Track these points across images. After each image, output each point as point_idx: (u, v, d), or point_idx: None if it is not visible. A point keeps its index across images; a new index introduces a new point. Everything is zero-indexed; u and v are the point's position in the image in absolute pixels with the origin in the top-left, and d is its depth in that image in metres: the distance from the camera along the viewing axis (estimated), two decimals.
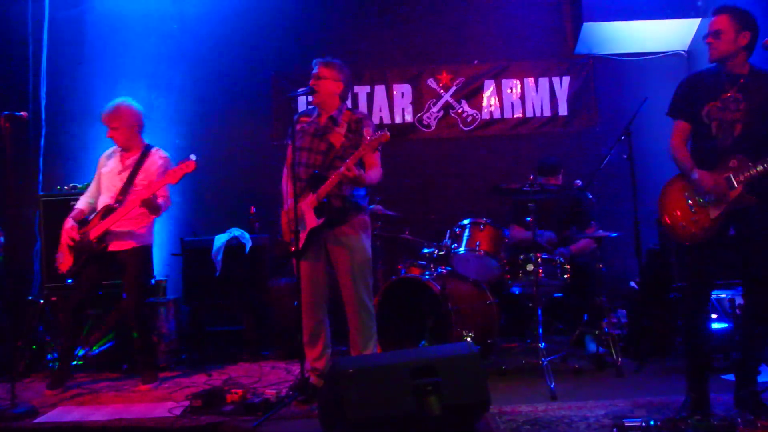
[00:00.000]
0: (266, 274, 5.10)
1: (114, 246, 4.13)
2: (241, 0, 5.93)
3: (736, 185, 3.01)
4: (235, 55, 5.90)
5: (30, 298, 4.81)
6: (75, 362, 4.48)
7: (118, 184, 4.18)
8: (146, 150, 4.28)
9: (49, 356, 4.63)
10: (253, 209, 5.28)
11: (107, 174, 4.26)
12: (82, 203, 4.30)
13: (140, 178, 4.19)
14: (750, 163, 2.99)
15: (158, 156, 4.28)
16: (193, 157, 3.94)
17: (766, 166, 2.95)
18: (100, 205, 4.21)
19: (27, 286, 5.22)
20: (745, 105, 3.05)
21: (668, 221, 3.17)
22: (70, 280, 4.30)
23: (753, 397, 3.12)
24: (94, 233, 4.09)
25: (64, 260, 4.15)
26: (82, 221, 4.19)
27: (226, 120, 5.88)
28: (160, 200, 4.09)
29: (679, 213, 3.14)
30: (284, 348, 4.93)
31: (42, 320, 4.68)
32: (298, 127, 3.85)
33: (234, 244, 4.96)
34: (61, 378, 4.15)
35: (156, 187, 4.05)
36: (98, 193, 4.29)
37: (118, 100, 4.27)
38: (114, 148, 4.32)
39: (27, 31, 5.60)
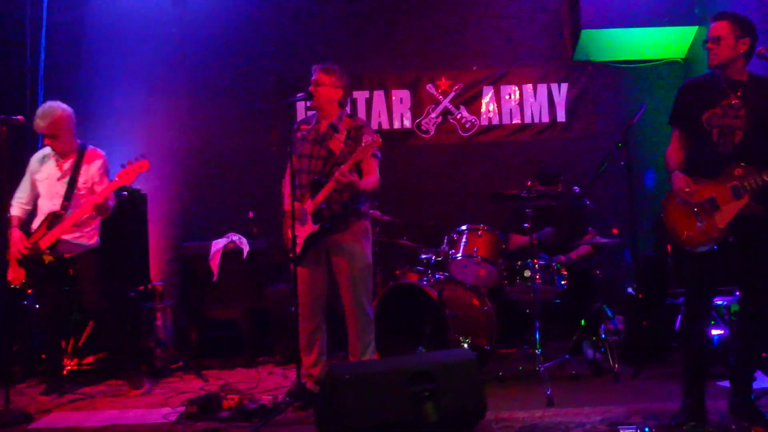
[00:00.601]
0: (264, 279, 5.09)
1: (66, 252, 4.02)
2: (241, 4, 5.94)
3: (742, 195, 3.01)
4: (234, 60, 5.89)
5: (26, 303, 4.79)
6: (71, 368, 4.47)
7: (60, 189, 4.04)
8: (81, 150, 4.14)
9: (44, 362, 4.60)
10: (251, 214, 5.27)
11: (45, 180, 4.09)
12: (18, 210, 4.13)
13: (82, 181, 4.07)
14: (755, 172, 2.98)
15: (95, 155, 4.16)
16: (142, 156, 3.89)
17: None
18: (41, 212, 4.07)
19: (23, 290, 5.19)
20: (744, 112, 3.04)
21: (675, 231, 3.14)
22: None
23: (748, 404, 3.11)
24: (44, 242, 3.96)
25: (15, 274, 4.01)
26: (23, 228, 4.07)
27: (225, 124, 5.86)
28: (110, 202, 4.00)
29: (686, 222, 3.11)
30: (282, 353, 4.92)
31: (38, 325, 4.65)
32: (298, 135, 3.84)
33: (231, 249, 4.96)
34: (56, 383, 4.12)
35: (109, 190, 3.94)
36: (32, 198, 4.15)
37: (51, 106, 4.06)
38: (47, 151, 4.15)
39: (24, 35, 5.56)
